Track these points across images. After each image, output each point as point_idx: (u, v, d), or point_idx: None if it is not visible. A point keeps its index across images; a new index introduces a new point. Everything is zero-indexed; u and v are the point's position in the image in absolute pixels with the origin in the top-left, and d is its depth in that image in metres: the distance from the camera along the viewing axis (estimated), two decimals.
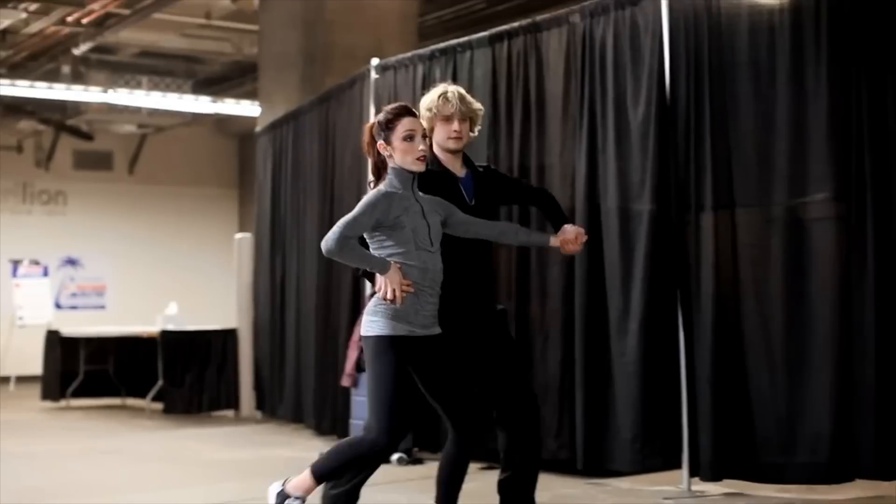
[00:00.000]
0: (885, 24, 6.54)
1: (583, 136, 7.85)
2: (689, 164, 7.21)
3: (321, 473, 5.23)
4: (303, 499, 5.21)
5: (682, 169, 7.25)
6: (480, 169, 5.87)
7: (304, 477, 5.19)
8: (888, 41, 6.52)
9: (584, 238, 5.60)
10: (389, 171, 5.25)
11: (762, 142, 6.93)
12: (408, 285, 5.10)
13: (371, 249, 5.20)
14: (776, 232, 6.90)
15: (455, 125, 5.66)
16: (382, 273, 5.11)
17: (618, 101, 7.66)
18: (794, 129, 6.80)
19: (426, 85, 9.34)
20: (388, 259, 5.14)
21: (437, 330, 5.25)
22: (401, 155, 5.21)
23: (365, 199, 5.16)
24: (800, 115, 6.79)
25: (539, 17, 8.43)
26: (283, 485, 5.24)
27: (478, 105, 5.80)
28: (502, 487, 5.72)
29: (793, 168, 6.80)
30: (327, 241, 5.04)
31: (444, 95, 5.68)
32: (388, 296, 5.09)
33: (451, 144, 5.69)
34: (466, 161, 5.81)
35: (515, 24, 8.57)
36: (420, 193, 5.29)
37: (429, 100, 5.73)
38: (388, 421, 5.04)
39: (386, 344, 5.10)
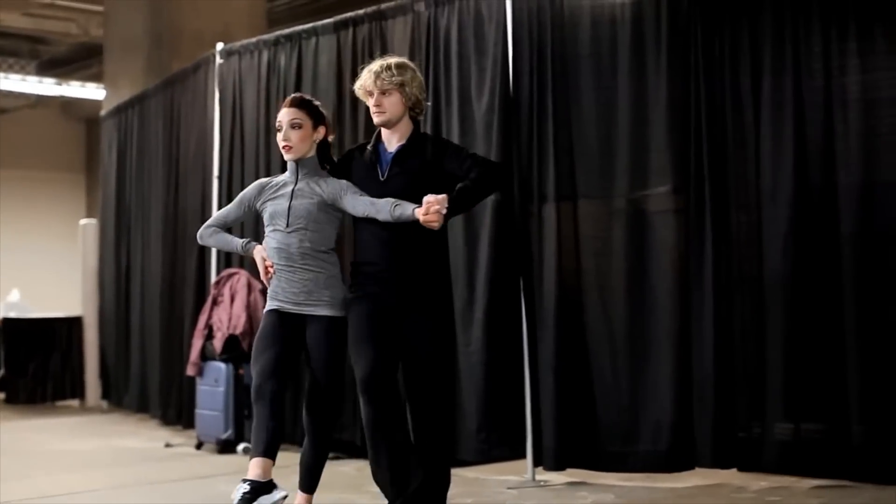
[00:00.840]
0: (722, 18, 6.65)
1: (427, 126, 7.82)
2: (532, 154, 7.25)
3: None
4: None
5: (525, 159, 7.28)
6: (434, 144, 5.67)
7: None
8: (725, 36, 6.64)
9: (438, 207, 5.19)
10: None
11: (604, 134, 7.00)
12: (270, 265, 5.53)
13: None
14: (618, 223, 6.98)
15: (374, 99, 5.52)
16: (244, 254, 5.72)
17: (462, 90, 7.67)
18: (636, 121, 6.90)
19: (271, 71, 9.30)
20: (250, 242, 5.69)
21: (314, 309, 5.46)
22: None
23: None
24: (641, 107, 6.89)
25: (384, 5, 8.40)
26: None
27: (406, 76, 5.56)
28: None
29: (634, 160, 6.89)
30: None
31: (366, 69, 5.60)
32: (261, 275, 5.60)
33: (374, 119, 5.59)
34: (415, 135, 5.62)
35: (361, 12, 8.52)
36: (314, 177, 5.56)
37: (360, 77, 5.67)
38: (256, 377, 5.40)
39: (264, 316, 5.56)
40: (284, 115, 5.58)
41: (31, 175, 22.59)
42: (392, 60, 5.61)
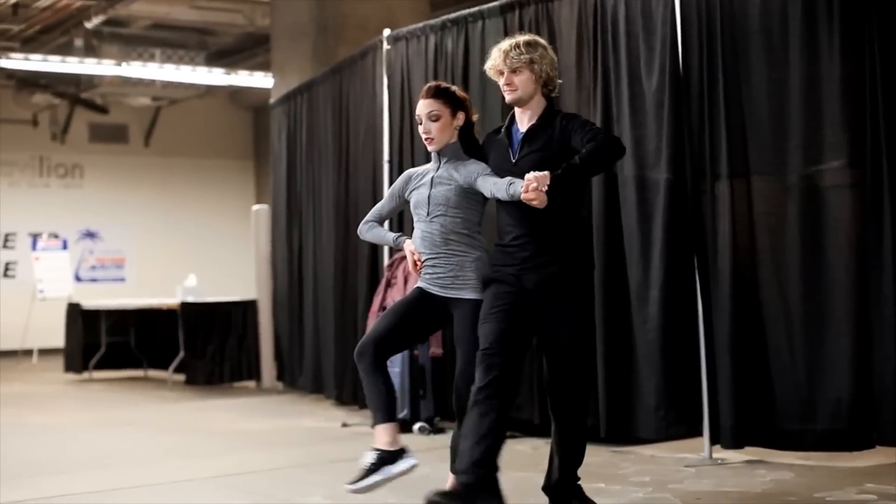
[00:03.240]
0: None
1: (597, 106, 7.85)
2: (703, 132, 7.21)
3: None
4: None
5: (696, 137, 7.25)
6: (562, 120, 5.54)
7: None
8: None
9: (537, 185, 5.05)
10: None
11: (776, 110, 6.92)
12: (418, 259, 5.65)
13: None
14: (792, 199, 6.88)
15: (504, 78, 5.53)
16: (396, 248, 5.95)
17: (631, 70, 7.65)
18: (808, 96, 6.78)
19: (438, 55, 9.38)
20: (401, 236, 5.84)
21: (459, 292, 5.52)
22: None
23: None
24: (813, 81, 6.77)
25: None
26: None
27: (536, 53, 5.51)
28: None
29: (807, 135, 6.79)
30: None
31: (496, 48, 5.60)
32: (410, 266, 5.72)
33: (506, 97, 5.60)
34: (546, 113, 5.57)
35: None
36: (454, 162, 5.63)
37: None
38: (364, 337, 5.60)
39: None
40: (422, 108, 5.63)
41: (202, 163, 23.17)
42: (522, 38, 5.58)
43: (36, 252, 19.36)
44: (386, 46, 10.09)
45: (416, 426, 9.01)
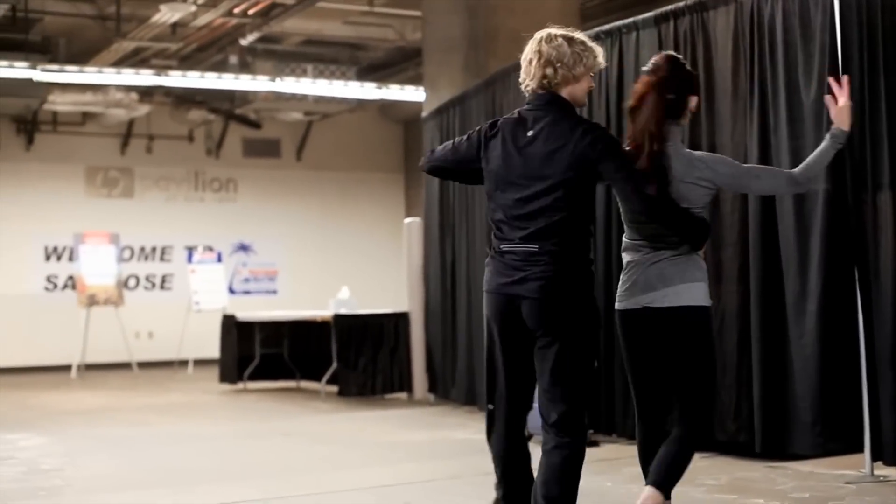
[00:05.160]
0: None
1: (754, 116, 7.76)
2: (864, 141, 7.06)
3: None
4: None
5: (857, 147, 7.10)
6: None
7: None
8: None
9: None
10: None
11: None
12: None
13: None
14: None
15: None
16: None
17: (789, 79, 7.55)
18: None
19: None
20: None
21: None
22: None
23: None
24: None
25: None
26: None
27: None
28: None
29: None
30: None
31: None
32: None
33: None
34: None
35: (681, 4, 8.48)
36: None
37: None
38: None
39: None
40: None
41: (354, 176, 23.44)
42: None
43: (192, 265, 19.75)
44: None
45: None
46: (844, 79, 5.31)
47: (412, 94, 18.90)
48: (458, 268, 12.35)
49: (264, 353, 15.33)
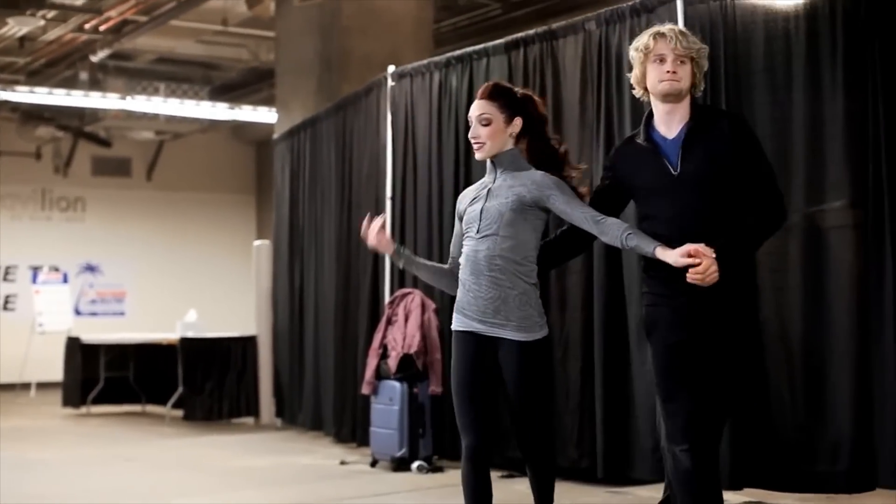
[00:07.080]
0: None
1: (600, 144, 7.85)
2: None
3: None
4: None
5: None
6: (724, 120, 5.00)
7: None
8: None
9: (710, 266, 4.54)
10: None
11: (780, 149, 6.86)
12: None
13: None
14: (794, 239, 6.85)
15: (667, 65, 4.84)
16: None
17: (634, 109, 7.64)
18: (811, 135, 6.77)
19: (442, 92, 9.40)
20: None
21: (501, 331, 4.95)
22: None
23: None
24: (816, 121, 6.76)
25: (555, 25, 8.45)
26: None
27: (699, 47, 4.95)
28: None
29: (810, 175, 6.76)
30: None
31: (648, 33, 4.91)
32: None
33: (664, 87, 4.86)
34: (696, 113, 4.94)
35: (531, 32, 8.59)
36: (512, 173, 5.04)
37: (639, 40, 4.97)
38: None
39: (454, 342, 5.14)
40: (473, 110, 5.10)
41: (204, 197, 23.17)
42: (679, 28, 5.15)
43: (36, 285, 19.34)
44: (390, 83, 10.11)
45: (415, 465, 8.95)
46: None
47: (265, 115, 18.75)
48: (306, 291, 12.27)
49: (109, 377, 15.00)
